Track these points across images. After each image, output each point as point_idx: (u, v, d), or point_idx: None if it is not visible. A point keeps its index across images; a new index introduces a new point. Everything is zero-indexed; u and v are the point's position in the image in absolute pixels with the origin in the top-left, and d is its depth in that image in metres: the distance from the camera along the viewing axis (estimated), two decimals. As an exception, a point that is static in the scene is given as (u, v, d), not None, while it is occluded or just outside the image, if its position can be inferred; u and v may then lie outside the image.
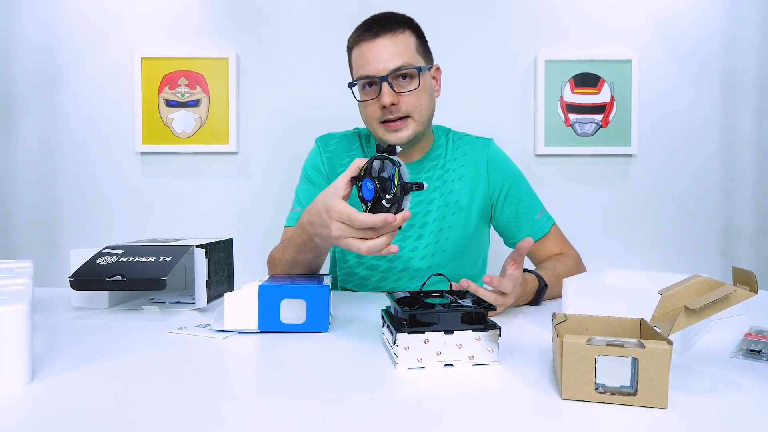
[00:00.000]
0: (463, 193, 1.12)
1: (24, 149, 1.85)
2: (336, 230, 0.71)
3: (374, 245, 0.68)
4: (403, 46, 1.02)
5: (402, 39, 1.03)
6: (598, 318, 0.56)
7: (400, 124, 1.03)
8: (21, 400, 0.48)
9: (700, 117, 1.85)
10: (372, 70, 1.01)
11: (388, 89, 1.00)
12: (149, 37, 1.84)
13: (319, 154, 1.18)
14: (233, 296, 0.71)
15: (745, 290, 0.50)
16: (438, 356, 0.57)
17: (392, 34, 1.02)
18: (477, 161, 1.14)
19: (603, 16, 1.83)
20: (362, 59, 1.03)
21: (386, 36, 1.02)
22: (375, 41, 1.02)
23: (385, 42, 1.01)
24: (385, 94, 1.00)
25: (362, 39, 1.03)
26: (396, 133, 1.04)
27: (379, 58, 1.01)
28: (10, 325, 0.50)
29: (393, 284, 1.12)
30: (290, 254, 0.94)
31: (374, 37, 1.02)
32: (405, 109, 1.03)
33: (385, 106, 1.01)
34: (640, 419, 0.44)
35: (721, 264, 1.87)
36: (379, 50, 1.01)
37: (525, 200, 1.14)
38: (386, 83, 1.00)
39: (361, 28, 1.05)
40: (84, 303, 0.87)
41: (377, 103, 1.02)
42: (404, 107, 1.02)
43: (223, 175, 1.87)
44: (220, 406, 0.46)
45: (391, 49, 1.01)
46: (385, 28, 1.02)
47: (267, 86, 1.85)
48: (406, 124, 1.04)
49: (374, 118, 1.04)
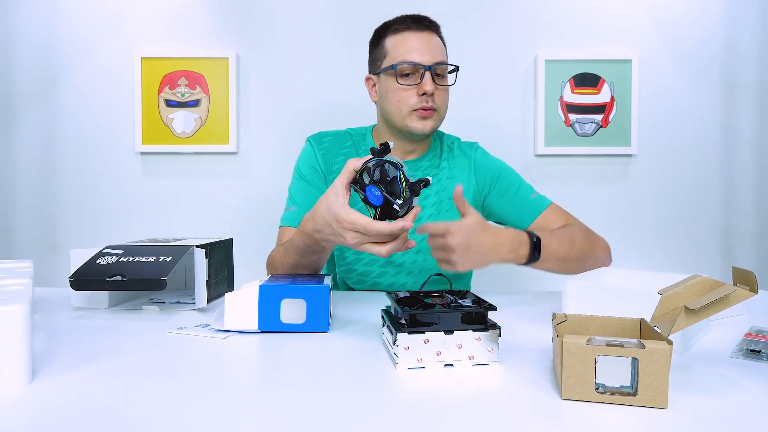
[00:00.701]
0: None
1: (24, 149, 1.85)
2: (352, 239, 0.72)
3: (395, 246, 0.71)
4: (442, 45, 1.12)
5: (438, 39, 1.12)
6: (598, 318, 0.56)
7: (431, 114, 1.09)
8: (21, 400, 0.48)
9: (700, 117, 1.85)
10: (418, 58, 1.06)
11: (431, 78, 1.06)
12: (149, 37, 1.84)
13: (313, 152, 1.18)
14: (233, 296, 0.71)
15: (745, 290, 0.50)
16: (438, 356, 0.57)
17: (434, 32, 1.11)
18: (464, 164, 1.18)
19: (603, 16, 1.83)
20: (407, 47, 1.08)
21: (431, 32, 1.10)
22: (423, 33, 1.08)
23: (431, 37, 1.09)
24: (428, 82, 1.05)
25: (408, 29, 1.09)
26: (425, 122, 1.09)
27: (426, 48, 1.07)
28: (10, 325, 0.50)
29: (392, 279, 1.14)
30: (293, 258, 0.95)
31: (423, 29, 1.09)
32: (437, 102, 1.09)
33: (426, 93, 1.06)
34: (640, 419, 0.44)
35: (721, 264, 1.87)
36: (427, 42, 1.08)
37: (514, 185, 1.17)
38: (430, 72, 1.05)
39: (406, 20, 1.10)
40: (84, 303, 0.87)
41: (415, 90, 1.07)
42: (437, 100, 1.09)
43: (223, 175, 1.87)
44: (220, 406, 0.46)
45: (436, 44, 1.09)
46: (431, 26, 1.11)
47: (267, 86, 1.86)
48: (433, 116, 1.10)
49: (408, 104, 1.08)
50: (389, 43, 1.10)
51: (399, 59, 1.07)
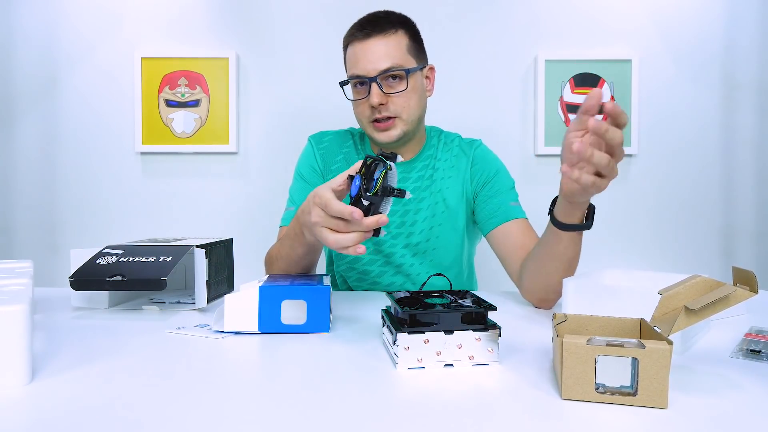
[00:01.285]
0: (450, 192, 1.13)
1: (24, 149, 1.85)
2: (315, 216, 0.70)
3: (342, 239, 0.67)
4: (394, 47, 1.03)
5: (394, 39, 1.04)
6: (598, 318, 0.56)
7: (389, 124, 1.05)
8: (21, 400, 0.48)
9: (700, 117, 1.85)
10: (362, 70, 1.03)
11: (377, 90, 1.02)
12: (149, 37, 1.84)
13: (312, 152, 1.19)
14: (233, 298, 0.71)
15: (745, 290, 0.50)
16: (438, 356, 0.57)
17: (384, 35, 1.03)
18: (464, 161, 1.15)
19: (603, 16, 1.84)
20: (354, 58, 1.04)
21: (378, 36, 1.03)
22: (366, 41, 1.03)
23: (377, 42, 1.03)
24: (373, 95, 1.02)
25: (354, 38, 1.05)
26: (385, 133, 1.06)
27: (369, 58, 1.02)
28: (10, 325, 0.50)
29: (391, 279, 1.14)
30: (285, 249, 0.94)
31: (366, 37, 1.03)
32: (393, 110, 1.04)
33: (374, 106, 1.02)
34: (640, 419, 0.44)
35: (721, 264, 1.87)
36: (370, 50, 1.02)
37: (503, 189, 1.11)
38: (375, 84, 1.02)
39: (354, 27, 1.06)
40: (84, 303, 0.87)
41: (367, 103, 1.04)
42: (393, 107, 1.04)
43: (223, 175, 1.87)
44: (221, 406, 0.46)
45: (381, 50, 1.02)
46: (377, 28, 1.03)
47: (267, 86, 1.86)
48: (394, 124, 1.06)
49: (364, 117, 1.06)
50: (346, 55, 1.09)
51: (348, 73, 1.06)
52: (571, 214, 0.80)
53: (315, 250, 0.92)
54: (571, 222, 0.81)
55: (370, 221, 0.65)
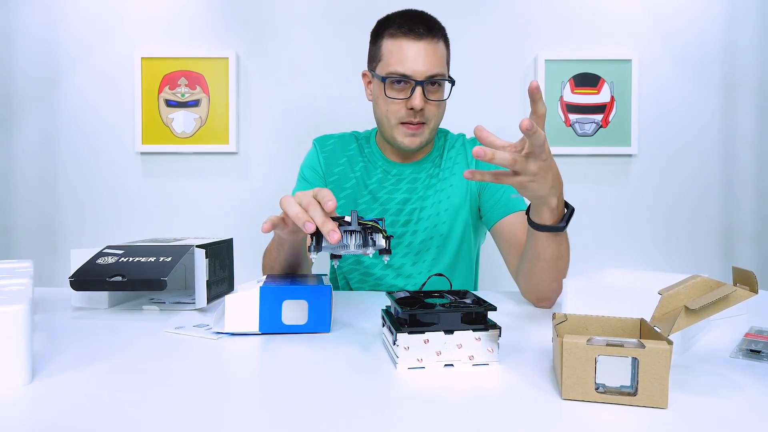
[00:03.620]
0: (454, 190, 1.14)
1: (24, 149, 1.85)
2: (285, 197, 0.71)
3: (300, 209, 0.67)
4: (440, 55, 1.05)
5: (438, 47, 1.04)
6: (598, 318, 0.56)
7: (419, 129, 1.06)
8: (21, 400, 0.48)
9: (700, 117, 1.85)
10: (410, 71, 1.01)
11: (421, 93, 1.02)
12: (149, 37, 1.84)
13: (316, 154, 1.20)
14: (234, 298, 0.71)
15: (745, 290, 0.50)
16: (438, 356, 0.57)
17: (434, 40, 1.03)
18: (468, 160, 1.16)
19: (603, 16, 1.84)
20: (400, 56, 1.02)
21: (429, 40, 1.02)
22: (418, 43, 1.02)
23: (427, 46, 1.02)
24: (417, 97, 1.01)
25: (404, 36, 1.02)
26: (413, 138, 1.07)
27: (421, 60, 1.01)
28: (10, 325, 0.50)
29: (393, 281, 1.14)
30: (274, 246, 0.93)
31: (419, 38, 1.02)
32: (427, 116, 1.05)
33: (414, 108, 1.02)
34: (640, 419, 0.44)
35: (721, 264, 1.87)
36: (423, 53, 1.01)
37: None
38: (420, 87, 1.01)
39: (404, 23, 1.03)
40: (84, 303, 0.87)
41: (404, 103, 1.04)
42: (427, 114, 1.05)
43: (223, 175, 1.87)
44: (221, 406, 0.46)
45: (431, 55, 1.02)
46: (431, 32, 1.03)
47: (267, 86, 1.86)
48: (422, 129, 1.06)
49: (396, 116, 1.06)
50: (385, 47, 1.05)
51: (391, 68, 1.03)
52: (539, 214, 0.81)
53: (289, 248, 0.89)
54: (542, 222, 0.81)
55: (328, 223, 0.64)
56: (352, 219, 0.67)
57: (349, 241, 0.67)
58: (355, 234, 0.67)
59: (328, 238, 0.63)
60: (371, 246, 0.67)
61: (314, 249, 0.67)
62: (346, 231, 0.67)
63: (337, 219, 0.68)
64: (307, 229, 0.64)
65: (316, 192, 0.69)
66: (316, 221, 0.65)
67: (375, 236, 0.68)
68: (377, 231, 0.68)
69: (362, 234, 0.67)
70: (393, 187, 1.15)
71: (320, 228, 0.65)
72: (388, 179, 1.16)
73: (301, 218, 0.66)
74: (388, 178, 1.16)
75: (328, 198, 0.67)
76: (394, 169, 1.16)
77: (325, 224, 0.64)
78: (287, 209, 0.69)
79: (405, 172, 1.16)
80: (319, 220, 0.65)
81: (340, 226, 0.66)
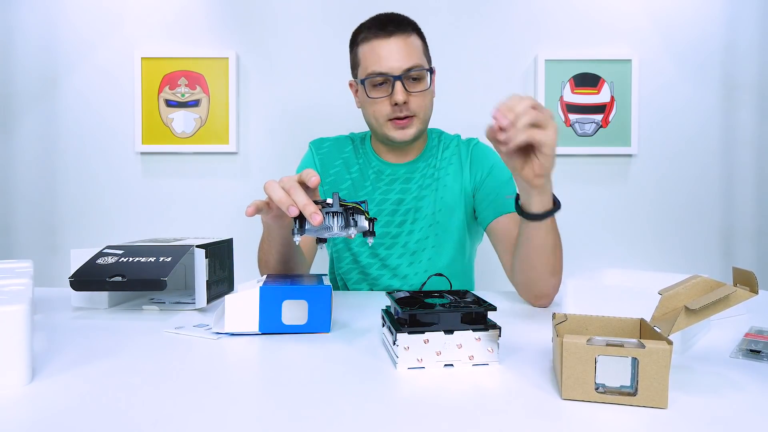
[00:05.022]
0: (450, 190, 1.14)
1: (24, 149, 1.85)
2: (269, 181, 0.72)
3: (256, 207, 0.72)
4: (414, 47, 1.06)
5: (411, 41, 1.06)
6: (598, 318, 0.56)
7: (407, 122, 1.07)
8: (21, 400, 0.48)
9: (700, 117, 1.85)
10: (386, 68, 1.04)
11: (401, 88, 1.03)
12: (149, 37, 1.84)
13: (312, 157, 1.21)
14: (234, 299, 0.71)
15: (745, 290, 0.50)
16: (438, 356, 0.57)
17: (405, 34, 1.06)
18: (462, 160, 1.17)
19: (603, 16, 1.84)
20: (375, 56, 1.05)
21: (400, 35, 1.05)
22: (389, 40, 1.04)
23: (399, 42, 1.05)
24: (398, 92, 1.03)
25: (374, 36, 1.05)
26: (403, 131, 1.08)
27: (393, 56, 1.04)
28: (10, 325, 0.50)
29: (389, 281, 1.15)
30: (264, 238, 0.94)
31: (389, 35, 1.04)
32: (413, 109, 1.07)
33: (398, 103, 1.04)
34: (640, 419, 0.44)
35: (721, 264, 1.87)
36: (395, 49, 1.04)
37: (497, 183, 1.12)
38: (399, 82, 1.03)
39: (373, 26, 1.06)
40: (84, 303, 0.87)
41: (387, 101, 1.05)
42: (413, 106, 1.06)
43: (223, 175, 1.87)
44: (221, 406, 0.46)
45: (404, 49, 1.04)
46: (400, 28, 1.05)
47: (267, 86, 1.86)
48: (412, 122, 1.08)
49: (383, 115, 1.07)
50: (361, 52, 1.08)
51: (369, 70, 1.05)
52: (529, 202, 0.82)
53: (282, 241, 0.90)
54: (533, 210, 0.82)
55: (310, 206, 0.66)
56: (334, 201, 0.68)
57: (331, 222, 0.68)
58: (337, 215, 0.68)
59: (310, 220, 0.65)
60: (353, 227, 0.68)
61: (297, 232, 0.68)
62: (328, 213, 0.68)
63: (320, 202, 0.69)
64: (291, 213, 0.66)
65: (300, 175, 0.70)
66: (298, 204, 0.66)
67: (357, 217, 0.69)
68: (359, 212, 0.69)
69: (344, 215, 0.68)
70: (387, 188, 1.16)
71: (302, 210, 0.66)
72: (382, 179, 1.16)
73: (285, 203, 0.68)
74: (382, 178, 1.16)
75: (311, 174, 0.68)
76: (388, 170, 1.17)
77: (307, 207, 0.66)
78: (271, 194, 0.70)
79: (399, 172, 1.16)
80: (302, 203, 0.66)
81: (323, 208, 0.67)
